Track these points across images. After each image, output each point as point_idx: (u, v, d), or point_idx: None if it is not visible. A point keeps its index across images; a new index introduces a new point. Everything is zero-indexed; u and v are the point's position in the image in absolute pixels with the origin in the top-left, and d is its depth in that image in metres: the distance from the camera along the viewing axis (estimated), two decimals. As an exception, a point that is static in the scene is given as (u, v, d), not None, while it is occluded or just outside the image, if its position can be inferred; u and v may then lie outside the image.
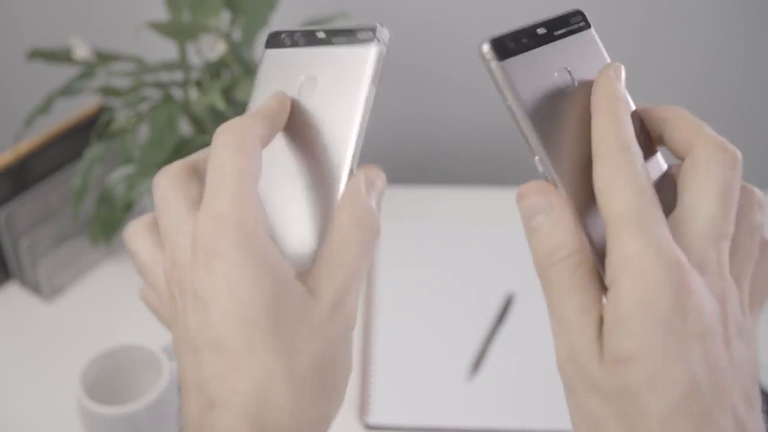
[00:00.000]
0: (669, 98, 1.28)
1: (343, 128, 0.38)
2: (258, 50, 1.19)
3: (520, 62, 0.36)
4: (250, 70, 0.93)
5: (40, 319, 0.93)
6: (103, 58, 0.92)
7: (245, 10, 0.92)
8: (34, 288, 0.94)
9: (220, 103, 0.85)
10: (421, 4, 1.19)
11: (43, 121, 1.31)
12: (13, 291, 0.96)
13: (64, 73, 1.28)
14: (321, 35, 0.39)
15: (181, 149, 0.89)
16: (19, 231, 0.91)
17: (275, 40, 0.41)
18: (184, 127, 0.95)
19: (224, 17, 0.93)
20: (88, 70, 0.90)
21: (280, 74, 0.40)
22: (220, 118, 0.93)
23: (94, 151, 0.88)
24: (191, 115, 0.92)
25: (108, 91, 0.92)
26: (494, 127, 1.32)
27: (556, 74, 0.37)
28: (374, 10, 1.19)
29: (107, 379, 0.78)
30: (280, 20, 1.17)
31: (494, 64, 0.36)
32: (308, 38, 0.40)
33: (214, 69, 0.93)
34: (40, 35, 1.23)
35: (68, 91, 0.89)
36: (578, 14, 0.39)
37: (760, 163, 1.37)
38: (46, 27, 1.22)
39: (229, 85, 0.90)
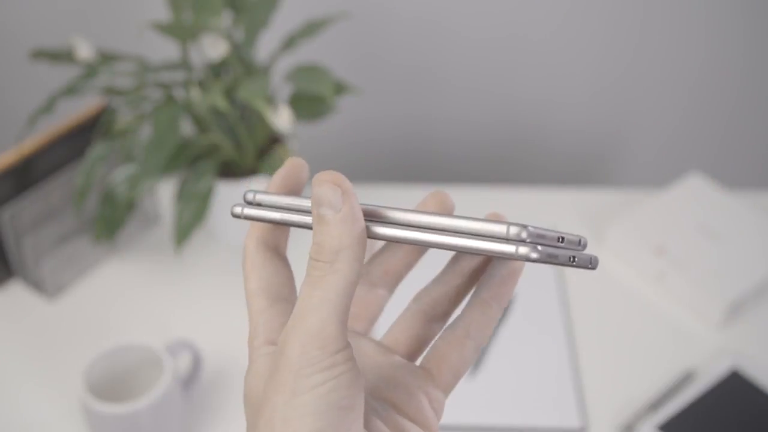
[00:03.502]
0: (669, 98, 1.28)
1: None
2: (260, 50, 1.19)
3: None
4: (251, 70, 0.93)
5: (43, 317, 0.93)
6: (106, 58, 0.92)
7: (247, 10, 0.92)
8: (38, 286, 0.95)
9: (222, 103, 0.85)
10: (421, 4, 1.19)
11: (46, 120, 1.32)
12: (17, 289, 0.96)
13: (66, 73, 1.28)
14: None
15: (183, 149, 0.90)
16: (22, 230, 0.91)
17: None
18: (186, 127, 0.95)
19: (226, 17, 0.93)
20: (91, 70, 0.91)
21: None
22: (221, 118, 0.93)
23: (97, 150, 0.88)
24: (193, 115, 0.92)
25: (110, 91, 0.92)
26: (493, 127, 1.33)
27: None
28: (374, 10, 1.20)
29: (110, 378, 0.79)
30: (282, 20, 1.18)
31: None
32: None
33: (216, 69, 0.93)
34: (43, 35, 1.23)
35: (71, 91, 0.90)
36: None
37: (760, 164, 1.37)
38: (49, 27, 1.22)
39: (231, 85, 0.90)
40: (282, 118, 0.86)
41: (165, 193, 1.08)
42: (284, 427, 0.30)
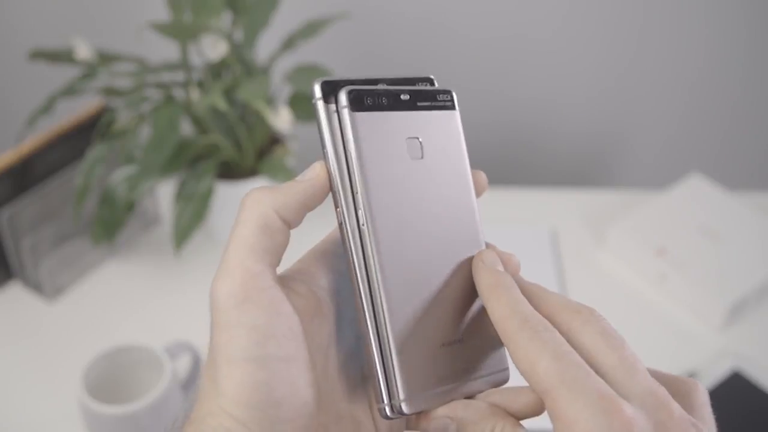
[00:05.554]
0: (670, 99, 1.28)
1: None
2: (259, 50, 1.19)
3: (371, 119, 0.36)
4: (251, 71, 0.93)
5: (42, 318, 0.93)
6: (105, 58, 0.92)
7: (247, 11, 0.92)
8: (36, 288, 0.94)
9: (222, 104, 0.85)
10: (421, 4, 1.19)
11: (45, 121, 1.32)
12: (15, 291, 0.96)
13: (65, 74, 1.28)
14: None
15: (183, 149, 0.90)
16: (21, 231, 0.91)
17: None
18: (186, 128, 0.95)
19: (226, 17, 0.93)
20: (90, 71, 0.91)
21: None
22: (221, 118, 0.93)
23: (96, 151, 0.88)
24: (193, 115, 0.92)
25: (110, 92, 0.92)
26: (493, 127, 1.32)
27: (405, 142, 0.36)
28: (374, 10, 1.19)
29: (109, 379, 0.78)
30: (282, 20, 1.18)
31: (346, 112, 0.36)
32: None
33: (216, 69, 0.93)
34: (42, 35, 1.23)
35: (70, 91, 0.89)
36: (448, 93, 0.38)
37: (761, 164, 1.37)
38: (48, 27, 1.22)
39: (231, 85, 0.90)
40: (282, 119, 0.86)
41: (165, 193, 1.08)
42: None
